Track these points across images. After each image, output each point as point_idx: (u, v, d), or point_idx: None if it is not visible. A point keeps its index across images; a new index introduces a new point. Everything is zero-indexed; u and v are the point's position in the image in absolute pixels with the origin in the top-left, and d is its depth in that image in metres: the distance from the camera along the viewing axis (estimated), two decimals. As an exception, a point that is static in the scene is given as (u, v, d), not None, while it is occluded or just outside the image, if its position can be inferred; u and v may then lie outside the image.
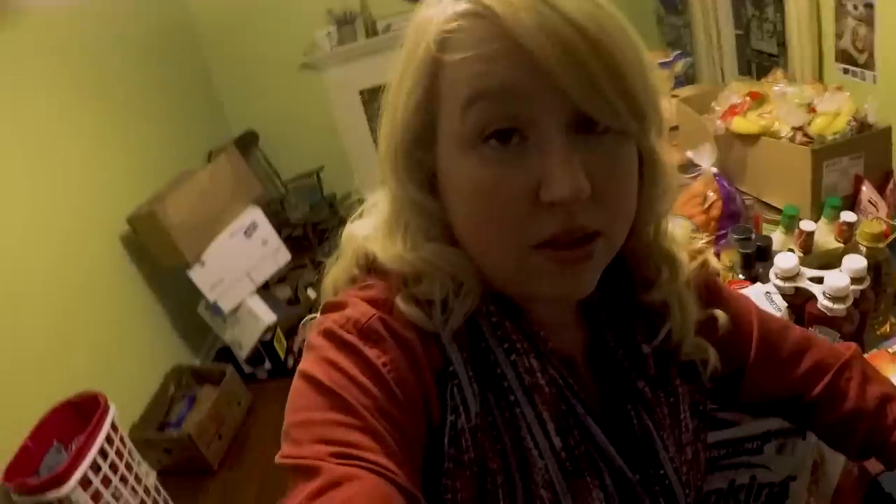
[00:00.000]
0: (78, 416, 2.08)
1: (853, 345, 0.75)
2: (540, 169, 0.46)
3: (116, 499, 1.99)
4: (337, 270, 0.62)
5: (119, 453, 2.05)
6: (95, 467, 1.92)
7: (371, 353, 0.51)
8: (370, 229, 0.60)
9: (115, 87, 2.91)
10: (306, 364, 0.52)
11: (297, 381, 0.52)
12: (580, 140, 0.47)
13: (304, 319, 0.59)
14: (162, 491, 2.27)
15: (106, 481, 1.96)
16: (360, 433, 0.47)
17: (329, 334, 0.52)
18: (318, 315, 0.57)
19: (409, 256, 0.55)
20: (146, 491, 2.15)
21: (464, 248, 0.55)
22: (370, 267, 0.59)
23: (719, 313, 0.67)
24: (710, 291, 0.70)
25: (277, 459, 0.48)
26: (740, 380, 0.71)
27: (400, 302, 0.54)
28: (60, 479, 1.80)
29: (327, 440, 0.47)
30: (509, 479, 0.53)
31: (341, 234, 0.63)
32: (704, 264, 0.69)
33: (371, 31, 3.72)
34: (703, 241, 0.71)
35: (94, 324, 2.46)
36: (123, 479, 2.04)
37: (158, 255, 2.67)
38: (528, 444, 0.54)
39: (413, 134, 0.52)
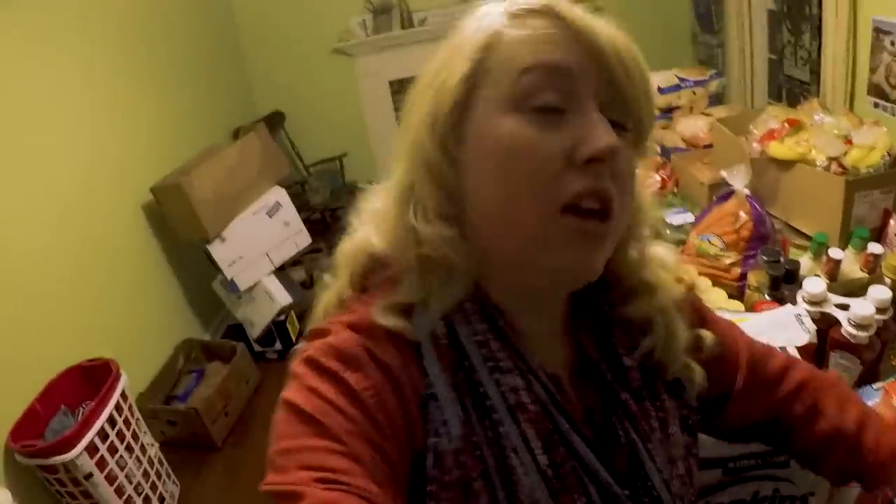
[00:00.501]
0: (87, 381, 2.09)
1: (834, 371, 0.79)
2: (577, 132, 0.52)
3: (121, 468, 2.00)
4: (329, 294, 0.63)
5: (127, 422, 2.06)
6: (103, 434, 1.93)
7: (352, 378, 0.52)
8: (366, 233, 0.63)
9: (148, 58, 2.93)
10: (289, 392, 0.53)
11: (279, 410, 0.53)
12: None
13: (293, 348, 0.60)
14: (165, 463, 2.28)
15: (112, 449, 1.97)
16: (343, 458, 0.48)
17: (311, 362, 0.54)
18: (304, 343, 0.58)
19: (418, 226, 0.56)
20: (150, 462, 2.16)
21: (478, 231, 0.56)
22: (364, 283, 0.61)
23: (705, 333, 0.69)
24: (699, 315, 0.72)
25: (261, 487, 0.49)
26: (724, 404, 0.73)
27: (377, 315, 0.55)
28: (68, 443, 1.81)
29: (311, 466, 0.48)
30: (494, 500, 0.53)
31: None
32: (691, 289, 0.72)
33: (407, 23, 3.73)
34: (730, 260, 0.74)
35: (109, 290, 2.46)
36: (129, 449, 2.05)
37: (179, 227, 2.66)
38: (513, 463, 0.54)
39: (453, 98, 0.55)
